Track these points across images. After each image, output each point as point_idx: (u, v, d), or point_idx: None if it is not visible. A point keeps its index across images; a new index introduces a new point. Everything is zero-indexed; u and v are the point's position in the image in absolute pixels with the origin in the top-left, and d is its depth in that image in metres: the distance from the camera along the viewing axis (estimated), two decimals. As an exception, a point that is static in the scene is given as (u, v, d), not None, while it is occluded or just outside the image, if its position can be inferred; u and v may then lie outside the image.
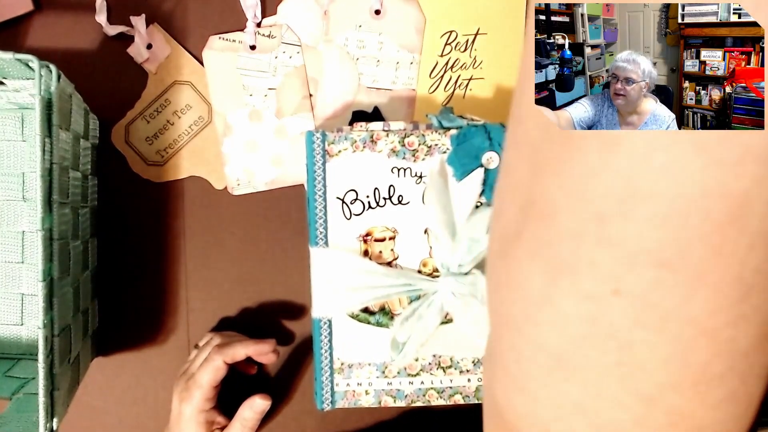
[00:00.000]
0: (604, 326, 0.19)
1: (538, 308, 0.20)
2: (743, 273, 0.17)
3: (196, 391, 0.49)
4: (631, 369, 0.19)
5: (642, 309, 0.18)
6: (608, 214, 0.18)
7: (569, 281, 0.19)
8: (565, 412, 0.20)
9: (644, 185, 0.17)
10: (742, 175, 0.16)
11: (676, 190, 0.17)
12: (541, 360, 0.21)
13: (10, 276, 0.55)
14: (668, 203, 0.17)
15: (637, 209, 0.17)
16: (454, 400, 0.50)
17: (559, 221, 0.19)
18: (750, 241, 0.17)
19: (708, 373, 0.18)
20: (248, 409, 0.50)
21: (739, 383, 0.19)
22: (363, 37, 0.55)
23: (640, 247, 0.18)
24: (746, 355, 0.19)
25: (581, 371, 0.20)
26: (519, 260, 0.21)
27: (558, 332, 0.20)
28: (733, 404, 0.19)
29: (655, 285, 0.18)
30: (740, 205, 0.17)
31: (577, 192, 0.19)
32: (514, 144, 0.22)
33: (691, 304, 0.18)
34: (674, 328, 0.18)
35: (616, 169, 0.17)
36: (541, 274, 0.20)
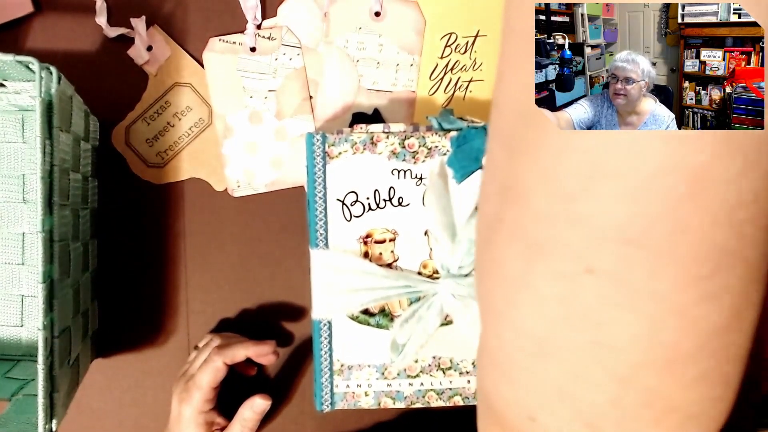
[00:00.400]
0: (579, 306, 0.19)
1: (518, 292, 0.20)
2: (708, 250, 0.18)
3: (196, 392, 0.49)
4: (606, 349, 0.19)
5: (613, 287, 0.18)
6: (575, 193, 0.18)
7: (544, 262, 0.19)
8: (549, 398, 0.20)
9: (607, 163, 0.17)
10: (701, 150, 0.17)
11: (638, 167, 0.17)
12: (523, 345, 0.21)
13: (10, 277, 0.55)
14: (631, 180, 0.17)
15: (601, 187, 0.18)
16: (453, 402, 0.50)
17: (532, 203, 0.20)
18: (713, 218, 0.17)
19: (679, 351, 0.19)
20: (248, 410, 0.50)
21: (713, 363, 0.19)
22: (363, 38, 0.55)
23: (608, 224, 0.18)
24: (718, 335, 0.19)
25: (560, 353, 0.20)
26: (500, 245, 0.21)
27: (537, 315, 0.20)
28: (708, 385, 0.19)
29: (623, 262, 0.18)
30: (700, 180, 0.17)
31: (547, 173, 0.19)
32: (493, 132, 0.23)
33: (658, 280, 0.18)
34: (644, 306, 0.18)
35: (581, 148, 0.18)
36: (520, 257, 0.20)
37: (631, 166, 0.17)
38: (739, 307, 0.19)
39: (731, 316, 0.19)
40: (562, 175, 0.18)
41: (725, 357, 0.19)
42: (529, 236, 0.20)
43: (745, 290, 0.19)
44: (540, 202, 0.19)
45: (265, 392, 0.51)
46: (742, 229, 0.18)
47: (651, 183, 0.17)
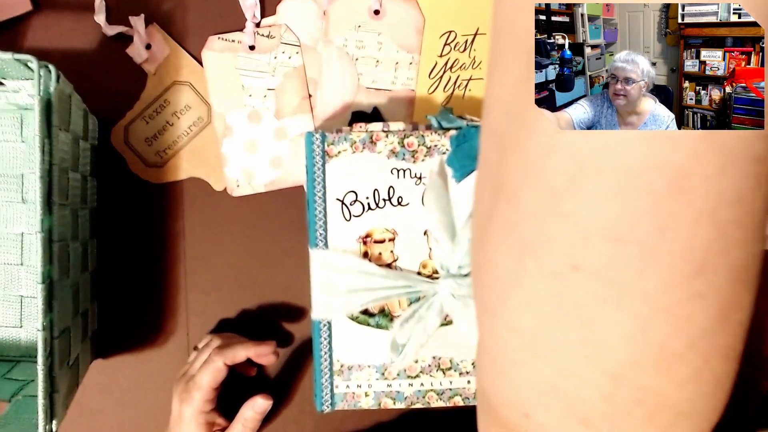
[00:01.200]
0: (569, 304, 0.19)
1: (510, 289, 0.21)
2: (692, 249, 0.18)
3: (196, 393, 0.49)
4: (597, 346, 0.19)
5: (601, 285, 0.18)
6: (561, 190, 0.18)
7: (534, 260, 0.20)
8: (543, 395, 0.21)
9: (591, 161, 0.18)
10: (681, 148, 0.17)
11: (620, 165, 0.17)
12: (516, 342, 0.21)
13: (9, 278, 0.55)
14: (614, 178, 0.18)
15: (586, 185, 0.18)
16: (453, 402, 0.49)
17: (521, 201, 0.20)
18: (695, 217, 0.17)
19: (668, 350, 0.19)
20: (250, 409, 0.50)
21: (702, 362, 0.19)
22: (362, 37, 0.55)
23: (593, 222, 0.18)
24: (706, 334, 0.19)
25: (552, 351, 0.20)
26: (492, 243, 0.21)
27: (529, 313, 0.20)
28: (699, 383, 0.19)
29: (610, 260, 0.18)
30: (680, 178, 0.17)
31: (534, 171, 0.19)
32: (485, 132, 0.23)
33: (645, 279, 0.18)
34: (632, 305, 0.18)
35: (566, 146, 0.18)
36: (511, 256, 0.20)
37: (615, 164, 0.17)
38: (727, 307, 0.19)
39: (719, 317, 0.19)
40: (548, 173, 0.19)
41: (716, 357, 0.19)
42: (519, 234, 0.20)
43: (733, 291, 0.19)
44: (528, 199, 0.20)
45: (266, 392, 0.51)
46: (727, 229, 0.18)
47: (632, 181, 0.17)
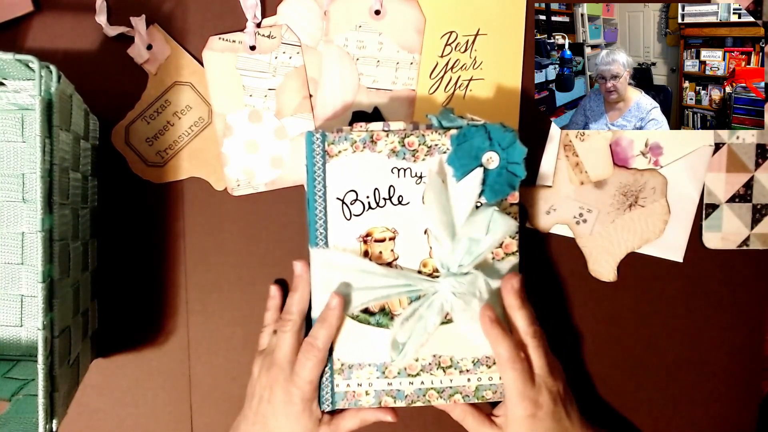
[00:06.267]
0: None
1: None
2: None
3: (308, 386, 0.48)
4: None
5: None
6: None
7: None
8: None
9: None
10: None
11: None
12: None
13: (10, 277, 0.55)
14: None
15: None
16: (454, 400, 0.50)
17: None
18: None
19: None
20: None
21: None
22: (363, 37, 0.55)
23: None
24: None
25: None
26: None
27: None
28: None
29: None
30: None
31: None
32: None
33: None
34: None
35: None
36: None
37: None
38: None
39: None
40: None
41: None
42: None
43: None
44: None
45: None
46: None
47: None
